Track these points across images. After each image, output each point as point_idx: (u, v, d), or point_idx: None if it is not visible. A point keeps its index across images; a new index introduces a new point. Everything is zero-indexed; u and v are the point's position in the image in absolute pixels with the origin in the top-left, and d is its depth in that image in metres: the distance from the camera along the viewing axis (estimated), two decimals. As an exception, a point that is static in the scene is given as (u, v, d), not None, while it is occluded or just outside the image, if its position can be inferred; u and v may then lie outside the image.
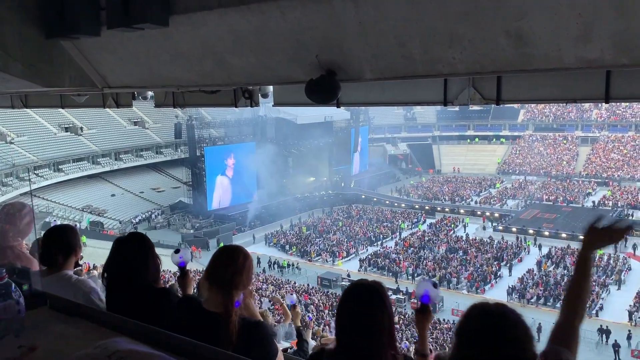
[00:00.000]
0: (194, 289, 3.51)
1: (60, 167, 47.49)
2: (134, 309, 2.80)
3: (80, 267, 3.52)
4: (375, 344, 2.04)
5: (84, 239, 26.79)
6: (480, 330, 1.59)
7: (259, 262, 36.95)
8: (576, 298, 1.97)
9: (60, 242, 3.14)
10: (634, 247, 36.31)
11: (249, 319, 2.63)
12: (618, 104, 63.23)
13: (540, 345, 1.87)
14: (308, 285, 33.77)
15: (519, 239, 40.72)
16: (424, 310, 2.46)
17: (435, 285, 2.38)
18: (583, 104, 66.13)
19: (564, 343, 1.81)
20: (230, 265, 2.55)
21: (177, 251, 3.38)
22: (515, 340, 1.57)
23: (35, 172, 44.98)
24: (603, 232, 2.03)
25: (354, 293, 2.16)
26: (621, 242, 32.45)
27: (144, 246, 3.04)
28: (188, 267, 3.37)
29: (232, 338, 2.42)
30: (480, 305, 1.68)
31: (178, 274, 3.45)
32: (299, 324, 5.59)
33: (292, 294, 6.18)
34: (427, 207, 51.91)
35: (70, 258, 3.18)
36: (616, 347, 24.62)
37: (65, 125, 51.54)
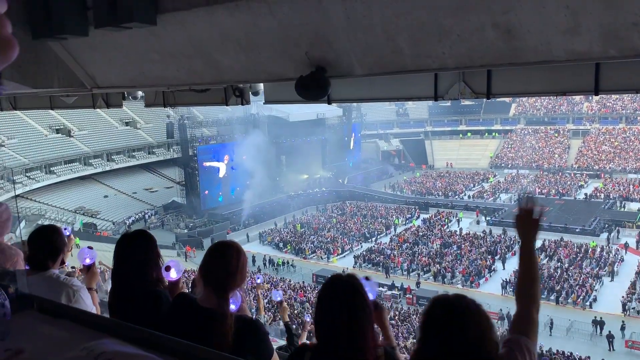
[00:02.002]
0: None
1: (51, 169, 47.12)
2: (142, 310, 2.79)
3: (71, 268, 3.51)
4: (358, 340, 2.00)
5: (77, 240, 26.63)
6: (444, 322, 1.64)
7: (254, 260, 36.90)
8: (529, 288, 2.03)
9: (47, 246, 3.13)
10: (626, 244, 36.44)
11: (243, 317, 2.64)
12: (608, 96, 63.65)
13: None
14: (303, 282, 33.77)
15: (505, 231, 40.54)
16: (376, 307, 2.41)
17: (367, 278, 2.35)
18: (574, 97, 66.43)
19: (523, 332, 1.89)
20: (225, 266, 2.53)
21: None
22: (477, 330, 1.62)
23: (27, 174, 44.55)
24: (526, 218, 2.10)
25: (332, 289, 2.13)
26: (613, 233, 32.01)
27: (152, 244, 3.05)
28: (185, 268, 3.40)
29: (229, 338, 2.42)
30: (441, 297, 1.74)
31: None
32: (287, 319, 5.60)
33: (277, 290, 6.22)
34: (421, 202, 51.99)
35: (57, 259, 3.18)
36: (610, 337, 24.81)
37: (56, 127, 51.16)
